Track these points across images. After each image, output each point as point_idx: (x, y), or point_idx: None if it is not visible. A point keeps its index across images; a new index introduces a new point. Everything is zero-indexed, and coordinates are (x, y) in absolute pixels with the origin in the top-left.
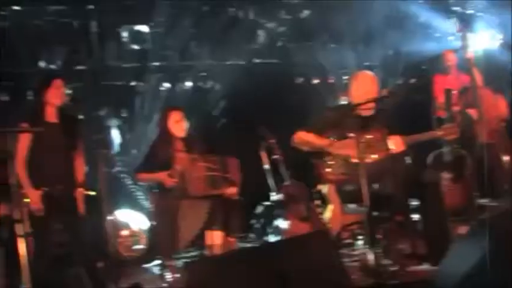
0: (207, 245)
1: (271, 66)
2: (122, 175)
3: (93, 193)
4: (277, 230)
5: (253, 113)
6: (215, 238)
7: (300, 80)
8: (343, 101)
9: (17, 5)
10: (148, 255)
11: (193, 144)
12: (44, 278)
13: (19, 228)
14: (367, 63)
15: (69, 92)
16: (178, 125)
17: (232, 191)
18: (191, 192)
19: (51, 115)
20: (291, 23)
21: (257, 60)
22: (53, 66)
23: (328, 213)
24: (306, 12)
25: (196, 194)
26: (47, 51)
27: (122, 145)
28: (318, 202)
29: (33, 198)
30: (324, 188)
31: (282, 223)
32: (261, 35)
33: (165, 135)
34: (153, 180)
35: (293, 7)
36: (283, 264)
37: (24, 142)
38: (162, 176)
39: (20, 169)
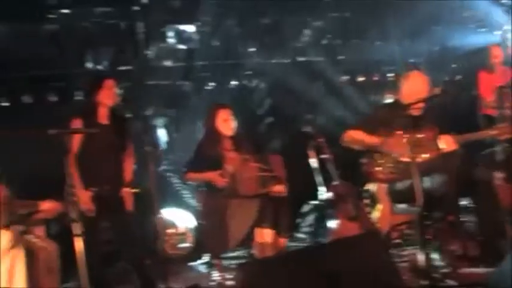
0: (257, 244)
1: (316, 64)
2: (168, 174)
3: (140, 192)
4: (324, 230)
5: (299, 111)
6: (265, 236)
7: (345, 77)
8: (389, 98)
9: (65, 9)
10: (194, 253)
11: (241, 143)
12: (93, 275)
13: (76, 228)
14: (412, 60)
15: (120, 92)
16: (227, 124)
17: (280, 188)
18: (242, 192)
19: (103, 116)
20: (335, 21)
21: (302, 59)
22: (99, 67)
23: (377, 213)
24: (351, 10)
25: (247, 194)
26: (94, 52)
27: (168, 144)
28: (366, 201)
29: (83, 198)
30: (373, 187)
31: (330, 222)
32: (306, 32)
33: (213, 133)
34: (203, 179)
35: (338, 4)
36: (335, 265)
37: (75, 143)
38: (212, 175)
39: (71, 171)
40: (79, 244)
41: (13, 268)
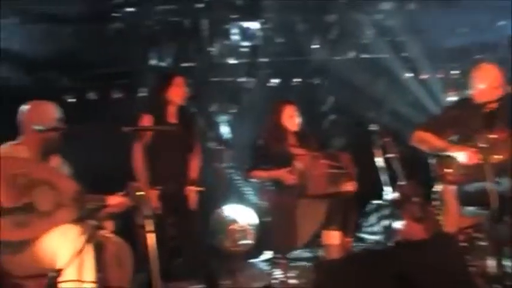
0: (324, 245)
1: (379, 61)
2: (230, 170)
3: (203, 189)
4: (388, 230)
5: (363, 109)
6: (333, 238)
7: (409, 74)
8: (453, 96)
9: (130, 7)
10: (255, 250)
11: (306, 139)
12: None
13: (149, 224)
14: (478, 56)
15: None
16: (292, 119)
17: (351, 186)
18: (311, 191)
19: (171, 114)
20: (400, 17)
21: (366, 55)
22: (163, 64)
23: (444, 215)
24: (414, 4)
25: (316, 192)
26: (158, 49)
27: (230, 141)
28: (434, 203)
29: (150, 196)
30: (441, 189)
31: (395, 223)
32: (370, 29)
33: (278, 130)
34: (270, 178)
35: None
36: (408, 267)
37: (142, 141)
38: (281, 173)
39: (139, 167)
40: (151, 240)
41: (83, 261)
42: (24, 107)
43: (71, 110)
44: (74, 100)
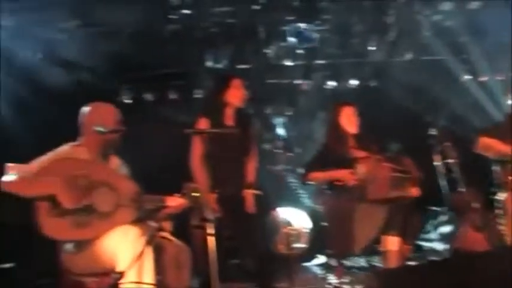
0: (383, 251)
1: (438, 62)
2: (285, 173)
3: (260, 192)
4: (447, 238)
5: (422, 112)
6: (392, 244)
7: (468, 76)
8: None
9: (186, 9)
10: (308, 254)
11: (366, 142)
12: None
13: (209, 227)
14: None
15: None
16: (351, 121)
17: (415, 191)
18: (372, 194)
19: (229, 116)
20: (459, 18)
21: (424, 57)
22: (219, 66)
23: (507, 225)
24: (475, 4)
25: (377, 196)
26: (214, 51)
27: (286, 143)
28: (496, 212)
29: (208, 199)
30: (505, 197)
31: (454, 231)
32: (428, 30)
33: (337, 131)
34: (330, 179)
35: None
36: (468, 279)
37: (200, 143)
38: (343, 174)
39: (196, 169)
40: (211, 243)
41: (142, 263)
42: (85, 109)
43: (127, 111)
44: (131, 101)
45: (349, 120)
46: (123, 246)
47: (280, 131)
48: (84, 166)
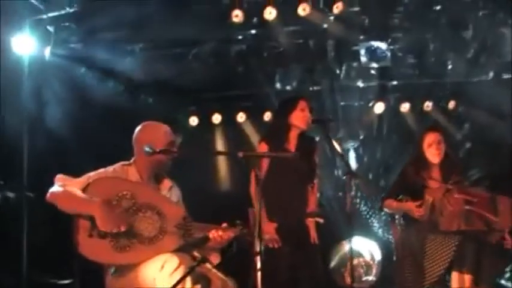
0: None
1: None
2: (356, 200)
3: (322, 220)
4: None
5: (502, 136)
6: (462, 282)
7: None
8: None
9: (253, 29)
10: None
11: (452, 172)
12: None
13: (258, 261)
14: None
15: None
16: (432, 149)
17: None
18: (442, 227)
19: (292, 140)
20: None
21: (508, 76)
22: (288, 87)
23: None
24: None
25: (447, 229)
26: (284, 72)
27: (358, 168)
28: None
29: (268, 229)
30: None
31: None
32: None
33: (419, 159)
34: (400, 209)
35: None
36: None
37: (262, 167)
38: (409, 206)
39: (253, 198)
40: (258, 278)
41: None
42: (138, 128)
43: (195, 132)
44: (198, 122)
45: (429, 148)
46: (162, 276)
47: (352, 156)
48: (130, 187)
